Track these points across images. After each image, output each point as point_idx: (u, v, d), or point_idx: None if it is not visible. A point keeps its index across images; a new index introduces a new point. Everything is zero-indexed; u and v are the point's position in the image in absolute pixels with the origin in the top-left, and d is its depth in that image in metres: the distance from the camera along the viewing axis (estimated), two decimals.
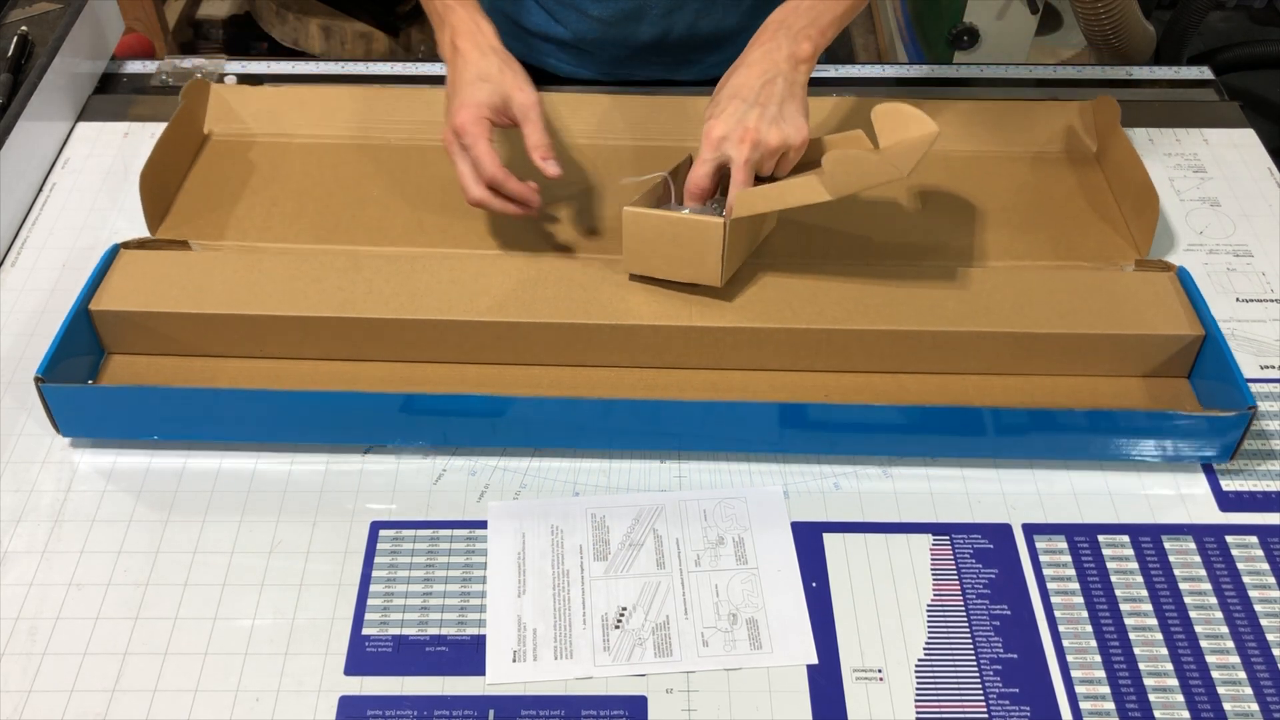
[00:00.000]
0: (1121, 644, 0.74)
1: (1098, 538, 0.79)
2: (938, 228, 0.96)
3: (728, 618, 0.74)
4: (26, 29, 1.10)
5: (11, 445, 0.83)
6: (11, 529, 0.78)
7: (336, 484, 0.81)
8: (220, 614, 0.74)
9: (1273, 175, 1.06)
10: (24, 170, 1.01)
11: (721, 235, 0.81)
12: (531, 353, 0.86)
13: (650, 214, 0.82)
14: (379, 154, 1.03)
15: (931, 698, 0.71)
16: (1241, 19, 2.38)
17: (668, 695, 0.71)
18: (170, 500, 0.80)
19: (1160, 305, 0.86)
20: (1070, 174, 1.03)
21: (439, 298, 0.85)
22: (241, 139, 1.04)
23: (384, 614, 0.74)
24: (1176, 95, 1.17)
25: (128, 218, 1.00)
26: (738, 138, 0.81)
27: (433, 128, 1.00)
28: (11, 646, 0.73)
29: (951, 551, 0.78)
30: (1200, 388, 0.85)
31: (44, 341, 0.89)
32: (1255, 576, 0.77)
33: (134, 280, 0.86)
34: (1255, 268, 0.98)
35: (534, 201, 0.87)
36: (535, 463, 0.83)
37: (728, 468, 0.83)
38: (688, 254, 0.83)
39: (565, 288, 0.86)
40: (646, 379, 0.86)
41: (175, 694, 0.70)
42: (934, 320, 0.84)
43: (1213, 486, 0.82)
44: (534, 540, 0.78)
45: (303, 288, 0.85)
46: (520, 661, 0.72)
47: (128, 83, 1.16)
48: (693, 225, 0.82)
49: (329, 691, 0.71)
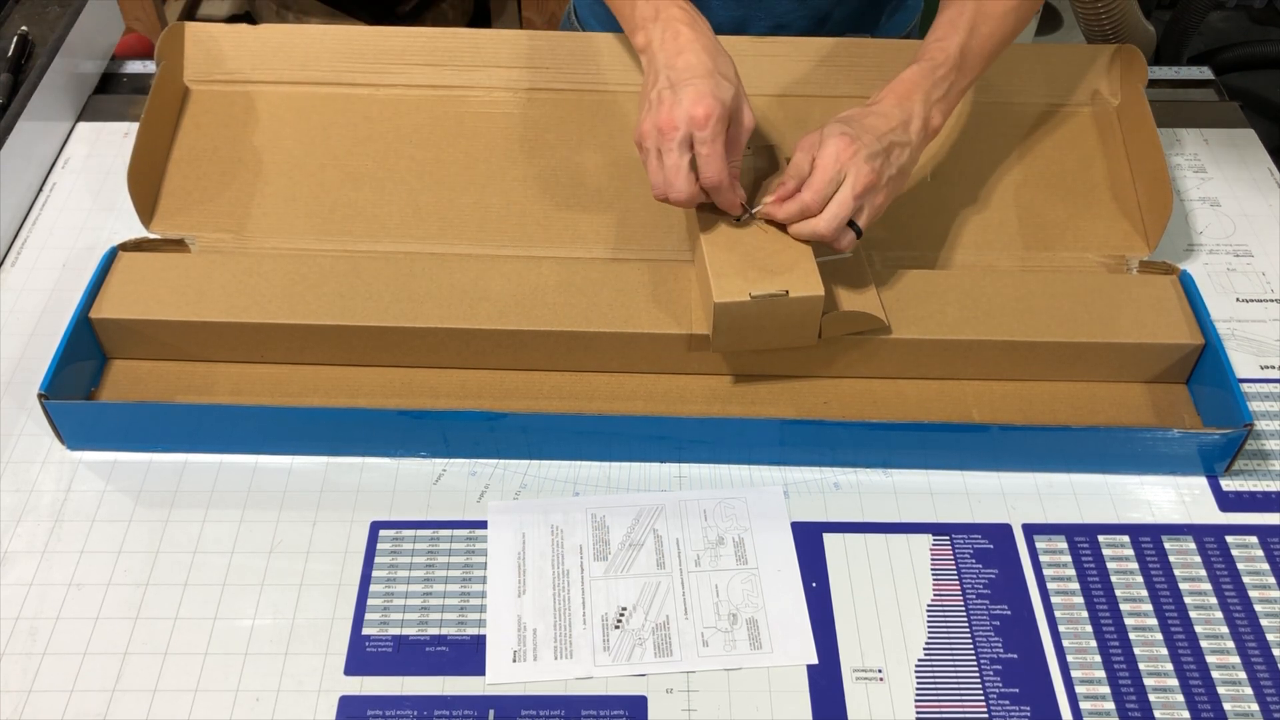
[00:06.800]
0: (1121, 644, 0.74)
1: (1098, 538, 0.79)
2: (945, 209, 0.95)
3: (728, 618, 0.74)
4: (26, 29, 1.10)
5: (11, 445, 0.83)
6: (11, 529, 0.78)
7: (336, 484, 0.81)
8: (220, 614, 0.74)
9: (1273, 175, 1.06)
10: (24, 170, 1.01)
11: (821, 306, 0.79)
12: (532, 359, 0.86)
13: (745, 302, 0.78)
14: (368, 108, 0.99)
15: (931, 698, 0.71)
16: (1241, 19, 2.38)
17: (668, 695, 0.71)
18: (170, 500, 0.80)
19: (1161, 311, 0.86)
20: (1089, 135, 1.00)
21: (439, 304, 0.85)
22: (225, 94, 1.00)
23: (384, 614, 0.74)
24: (1176, 95, 1.17)
25: (127, 218, 0.99)
26: (865, 178, 0.77)
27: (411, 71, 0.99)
28: (11, 646, 0.73)
29: (951, 551, 0.78)
30: (1199, 394, 0.86)
31: (44, 341, 0.89)
32: (1255, 576, 0.77)
33: (133, 286, 0.86)
34: (1255, 268, 0.98)
35: (736, 213, 0.83)
36: (535, 463, 0.83)
37: (728, 468, 0.83)
38: (784, 325, 0.81)
39: (566, 294, 0.86)
40: (647, 385, 0.86)
41: (175, 694, 0.70)
42: (934, 329, 0.84)
43: (1213, 487, 0.82)
44: (534, 540, 0.78)
45: (302, 293, 0.85)
46: (520, 661, 0.72)
47: (128, 83, 1.16)
48: (791, 304, 0.78)
49: (329, 691, 0.71)
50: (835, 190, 0.78)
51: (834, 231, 0.78)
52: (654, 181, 0.79)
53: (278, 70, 1.01)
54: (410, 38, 1.01)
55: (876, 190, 0.79)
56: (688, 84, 0.77)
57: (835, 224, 0.78)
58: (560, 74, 1.01)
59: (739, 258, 0.80)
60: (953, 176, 0.97)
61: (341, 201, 0.95)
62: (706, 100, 0.76)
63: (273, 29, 1.02)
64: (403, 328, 0.84)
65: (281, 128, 0.99)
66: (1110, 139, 0.99)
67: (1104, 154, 0.99)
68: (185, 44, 1.00)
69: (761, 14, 1.05)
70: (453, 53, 1.01)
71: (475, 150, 0.98)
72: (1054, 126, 1.00)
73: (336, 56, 1.01)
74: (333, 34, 1.02)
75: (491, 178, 0.96)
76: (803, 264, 0.79)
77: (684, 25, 0.80)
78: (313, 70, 1.01)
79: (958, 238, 0.94)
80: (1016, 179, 0.97)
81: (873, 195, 0.79)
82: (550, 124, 0.99)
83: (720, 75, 0.78)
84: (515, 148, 0.98)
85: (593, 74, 1.01)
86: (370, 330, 0.84)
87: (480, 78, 1.01)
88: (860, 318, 0.83)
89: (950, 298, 0.86)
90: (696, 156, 0.77)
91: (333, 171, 0.96)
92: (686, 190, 0.78)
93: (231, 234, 0.93)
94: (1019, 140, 1.00)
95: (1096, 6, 1.31)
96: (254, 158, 0.97)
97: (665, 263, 0.89)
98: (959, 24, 0.84)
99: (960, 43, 0.83)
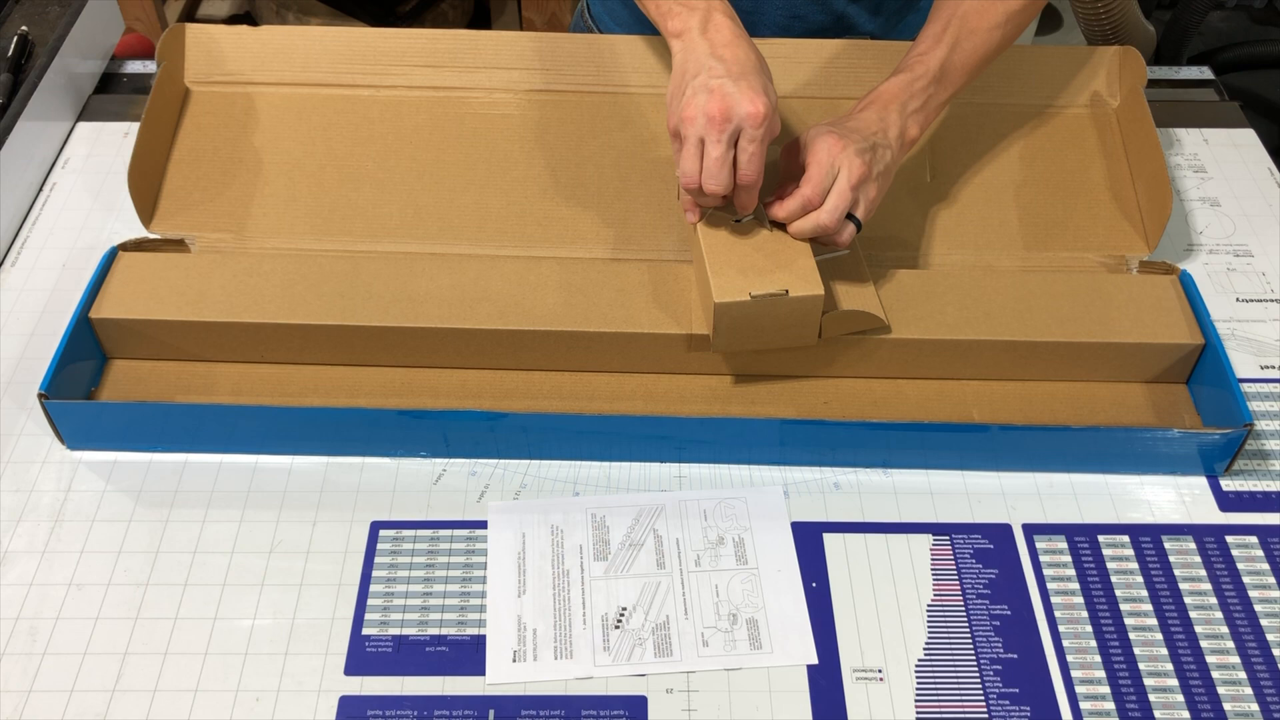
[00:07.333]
0: (1121, 644, 0.74)
1: (1098, 538, 0.79)
2: (945, 209, 0.95)
3: (728, 618, 0.74)
4: (26, 29, 1.10)
5: (11, 445, 0.83)
6: (11, 529, 0.78)
7: (336, 484, 0.81)
8: (220, 614, 0.74)
9: (1273, 175, 1.06)
10: (24, 170, 1.01)
11: (821, 305, 0.79)
12: (532, 359, 0.86)
13: (745, 302, 0.78)
14: (368, 109, 1.00)
15: (931, 698, 0.71)
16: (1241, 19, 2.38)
17: (668, 695, 0.71)
18: (170, 500, 0.80)
19: (1161, 311, 0.86)
20: (1089, 137, 1.00)
21: (439, 304, 0.85)
22: (225, 95, 1.00)
23: (384, 614, 0.74)
24: (1176, 95, 1.17)
25: (127, 218, 0.99)
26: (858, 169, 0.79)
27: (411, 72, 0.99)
28: (11, 646, 0.73)
29: (951, 551, 0.78)
30: (1199, 394, 0.86)
31: (44, 341, 0.89)
32: (1255, 576, 0.77)
33: (133, 286, 0.86)
34: (1255, 268, 0.98)
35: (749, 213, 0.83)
36: (535, 462, 0.83)
37: (728, 467, 0.83)
38: (784, 325, 0.81)
39: (565, 293, 0.86)
40: (647, 385, 0.86)
41: (175, 694, 0.70)
42: (934, 329, 0.84)
43: (1213, 487, 0.82)
44: (534, 540, 0.78)
45: (302, 293, 0.85)
46: (520, 661, 0.72)
47: (128, 83, 1.16)
48: (791, 303, 0.79)
49: (329, 691, 0.71)
50: (832, 183, 0.79)
51: (836, 222, 0.79)
52: (687, 170, 0.78)
53: (278, 71, 1.01)
54: (410, 39, 1.01)
55: (869, 182, 0.80)
56: (743, 78, 0.76)
57: (837, 215, 0.79)
58: (560, 75, 1.01)
59: (738, 257, 0.80)
60: (953, 176, 0.97)
61: (341, 201, 0.95)
62: (762, 98, 0.75)
63: (273, 30, 1.02)
64: (403, 328, 0.84)
65: (282, 128, 0.99)
66: (1110, 139, 0.99)
67: (1104, 154, 0.99)
68: (186, 45, 1.01)
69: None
70: (453, 54, 1.01)
71: (475, 150, 0.98)
72: (1054, 127, 1.00)
73: (337, 57, 1.01)
74: (333, 35, 1.02)
75: (491, 178, 0.96)
76: (802, 263, 0.79)
77: (725, 16, 0.81)
78: (313, 71, 1.01)
79: (958, 238, 0.94)
80: (1016, 179, 0.97)
81: (866, 187, 0.80)
82: (550, 125, 0.99)
83: (767, 77, 0.79)
84: (515, 148, 0.98)
85: (593, 75, 1.01)
86: (370, 330, 0.84)
87: (480, 79, 1.01)
88: (860, 317, 0.83)
89: (950, 298, 0.86)
90: (739, 152, 0.77)
91: (333, 172, 0.96)
92: (726, 184, 0.77)
93: (231, 234, 0.93)
94: (1019, 140, 1.00)
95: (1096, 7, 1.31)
96: (254, 158, 0.97)
97: (665, 263, 0.89)
98: (942, 39, 0.86)
99: (942, 57, 0.85)
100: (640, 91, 1.02)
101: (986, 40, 0.87)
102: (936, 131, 0.98)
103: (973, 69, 0.87)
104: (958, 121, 1.00)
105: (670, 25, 0.82)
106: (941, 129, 0.99)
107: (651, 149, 0.99)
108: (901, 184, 0.95)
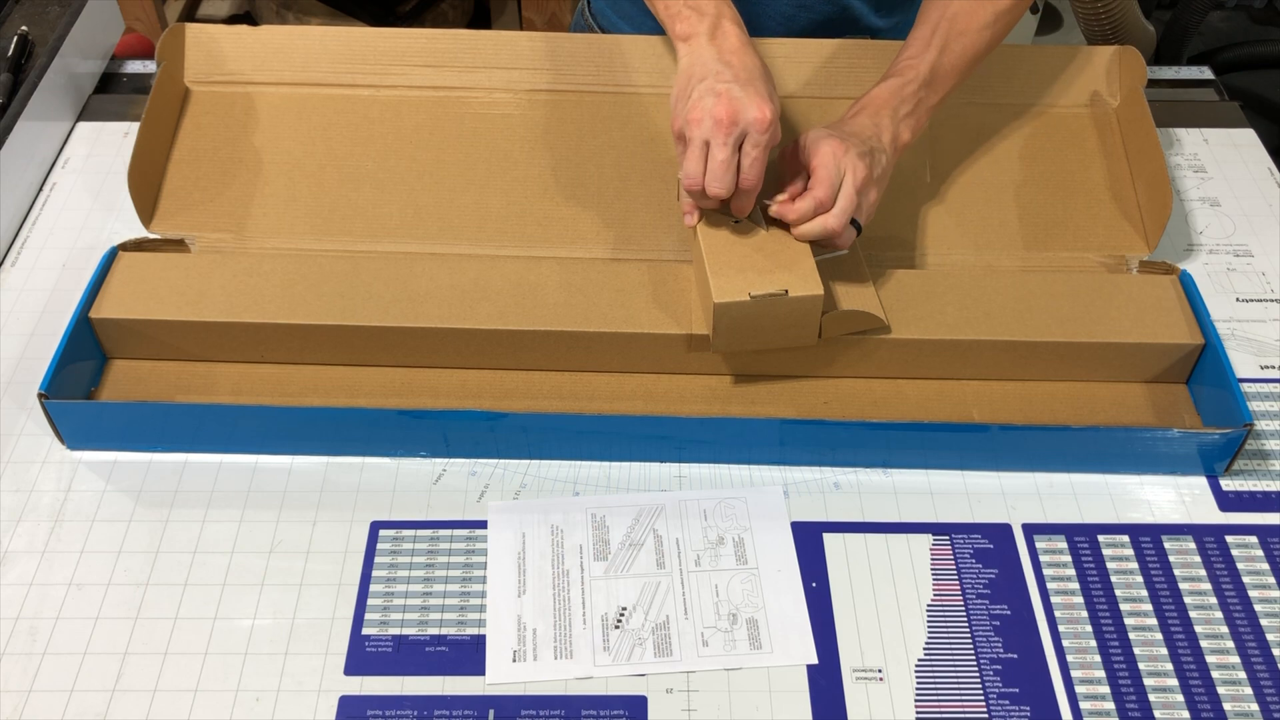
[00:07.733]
0: (1121, 644, 0.74)
1: (1098, 538, 0.79)
2: (945, 209, 0.95)
3: (728, 618, 0.74)
4: (26, 29, 1.10)
5: (11, 445, 0.83)
6: (11, 529, 0.78)
7: (336, 484, 0.81)
8: (220, 614, 0.74)
9: (1273, 175, 1.06)
10: (24, 170, 1.01)
11: (820, 305, 0.80)
12: (532, 359, 0.86)
13: (745, 302, 0.78)
14: (368, 109, 1.00)
15: (931, 698, 0.71)
16: (1241, 19, 2.38)
17: (668, 695, 0.71)
18: (170, 500, 0.80)
19: (1161, 311, 0.86)
20: (1089, 137, 1.00)
21: (439, 304, 0.85)
22: (225, 95, 1.00)
23: (384, 614, 0.74)
24: (1176, 95, 1.17)
25: (127, 218, 0.99)
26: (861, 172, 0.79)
27: (411, 72, 0.99)
28: (11, 646, 0.73)
29: (951, 551, 0.78)
30: (1199, 394, 0.86)
31: (44, 341, 0.89)
32: (1255, 576, 0.77)
33: (133, 286, 0.86)
34: (1255, 268, 0.98)
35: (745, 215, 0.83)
36: (535, 462, 0.83)
37: (728, 467, 0.83)
38: (784, 325, 0.81)
39: (566, 293, 0.86)
40: (646, 385, 0.86)
41: (175, 694, 0.70)
42: (934, 329, 0.84)
43: (1213, 486, 0.82)
44: (534, 540, 0.78)
45: (301, 293, 0.85)
46: (520, 661, 0.72)
47: (128, 83, 1.16)
48: (791, 303, 0.79)
49: (329, 691, 0.71)
50: (840, 185, 0.79)
51: (843, 226, 0.80)
52: (691, 172, 0.79)
53: (278, 71, 1.01)
54: (410, 39, 1.01)
55: (870, 185, 0.81)
56: (750, 84, 0.78)
57: (844, 218, 0.80)
58: (560, 75, 1.01)
59: (738, 258, 0.80)
60: (952, 176, 0.97)
61: (341, 201, 0.95)
62: (768, 104, 0.77)
63: (273, 30, 1.02)
64: (403, 328, 0.84)
65: (282, 128, 0.99)
66: (1110, 139, 0.99)
67: (1104, 154, 0.99)
68: (186, 45, 1.01)
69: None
70: (453, 54, 1.01)
71: (475, 150, 0.98)
72: (1054, 127, 1.00)
73: (337, 57, 1.01)
74: (333, 35, 1.02)
75: (491, 178, 0.96)
76: (802, 263, 0.79)
77: (733, 24, 0.82)
78: (313, 71, 1.01)
79: (958, 238, 0.94)
80: (1016, 179, 0.97)
81: (868, 190, 0.81)
82: (550, 125, 0.99)
83: (771, 83, 0.80)
84: (515, 148, 0.98)
85: (593, 75, 1.01)
86: (370, 330, 0.84)
87: (480, 79, 1.01)
88: (860, 317, 0.83)
89: (950, 298, 0.86)
90: (743, 156, 0.78)
91: (333, 172, 0.96)
92: (729, 186, 0.78)
93: (231, 234, 0.93)
94: (1019, 140, 1.00)
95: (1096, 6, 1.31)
96: (254, 158, 0.97)
97: (665, 263, 0.89)
98: (931, 42, 0.86)
99: (931, 61, 0.85)
100: (640, 91, 1.02)
101: (976, 41, 0.87)
102: (936, 131, 0.98)
103: (963, 71, 0.88)
104: (957, 121, 1.00)
105: (678, 28, 0.83)
106: (941, 129, 0.99)
107: (652, 149, 0.99)
108: (901, 184, 0.95)
